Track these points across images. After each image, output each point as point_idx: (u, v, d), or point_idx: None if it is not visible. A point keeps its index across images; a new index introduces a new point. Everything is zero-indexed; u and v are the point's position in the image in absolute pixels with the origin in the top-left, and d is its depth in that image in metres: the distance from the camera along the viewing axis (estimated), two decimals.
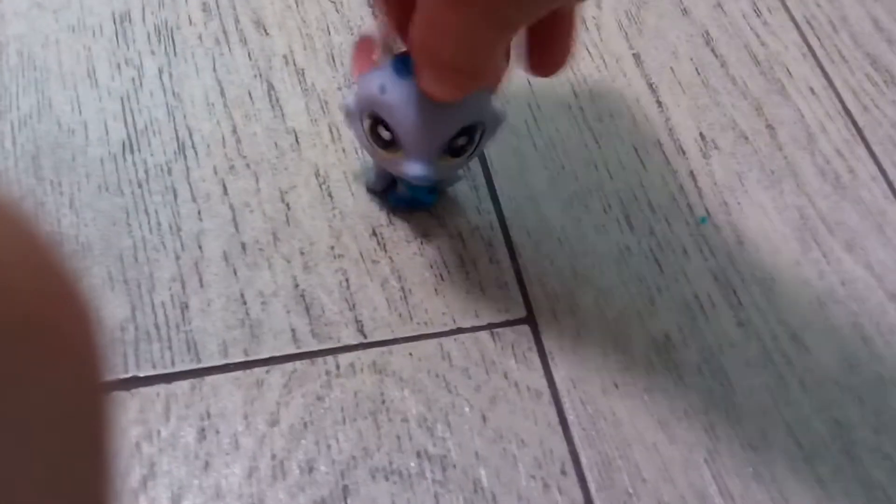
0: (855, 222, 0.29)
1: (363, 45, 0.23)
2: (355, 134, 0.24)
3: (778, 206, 0.29)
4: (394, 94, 0.22)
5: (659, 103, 0.31)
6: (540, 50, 0.23)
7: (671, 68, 0.32)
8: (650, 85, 0.31)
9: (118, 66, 0.29)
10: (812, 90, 0.32)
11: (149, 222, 0.26)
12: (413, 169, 0.23)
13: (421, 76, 0.22)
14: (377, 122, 0.23)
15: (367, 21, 0.31)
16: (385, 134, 0.23)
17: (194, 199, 0.27)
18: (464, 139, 0.23)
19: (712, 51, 0.33)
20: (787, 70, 0.32)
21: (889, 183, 0.30)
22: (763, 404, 0.25)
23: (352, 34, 0.31)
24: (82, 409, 0.11)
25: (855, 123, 0.31)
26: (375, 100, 0.23)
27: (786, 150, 0.30)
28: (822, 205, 0.29)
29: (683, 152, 0.30)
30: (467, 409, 0.24)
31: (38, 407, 0.10)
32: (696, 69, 0.32)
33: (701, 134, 0.30)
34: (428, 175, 0.23)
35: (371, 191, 0.27)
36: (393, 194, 0.27)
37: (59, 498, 0.11)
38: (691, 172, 0.30)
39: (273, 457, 0.23)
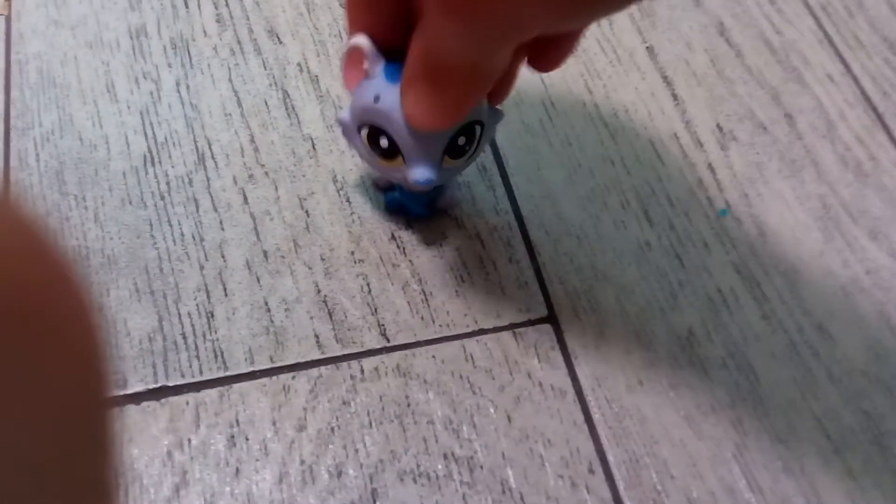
0: (878, 210, 0.29)
1: (352, 57, 0.23)
2: (354, 147, 0.24)
3: (799, 195, 0.29)
4: (388, 100, 0.22)
5: (674, 96, 0.31)
6: (539, 47, 0.22)
7: (685, 60, 0.32)
8: (665, 78, 0.31)
9: (136, 80, 0.30)
10: (830, 77, 0.32)
11: (172, 233, 0.27)
12: (416, 174, 0.23)
13: (406, 103, 0.22)
14: (375, 131, 0.23)
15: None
16: (384, 142, 0.23)
17: (216, 209, 0.27)
18: (463, 139, 0.23)
19: (727, 41, 0.32)
20: (804, 57, 0.32)
21: None
22: (790, 397, 0.25)
23: None
24: (84, 403, 0.11)
25: (875, 109, 0.31)
26: (371, 109, 0.22)
27: (805, 138, 0.30)
28: (845, 193, 0.29)
29: (701, 145, 0.30)
30: (492, 410, 0.24)
31: (38, 398, 0.10)
32: (711, 60, 0.32)
33: (718, 125, 0.30)
34: (431, 179, 0.23)
35: (379, 188, 0.28)
36: (388, 195, 0.27)
37: (62, 495, 0.11)
38: (710, 165, 0.29)
39: (302, 462, 0.23)
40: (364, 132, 0.23)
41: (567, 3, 0.18)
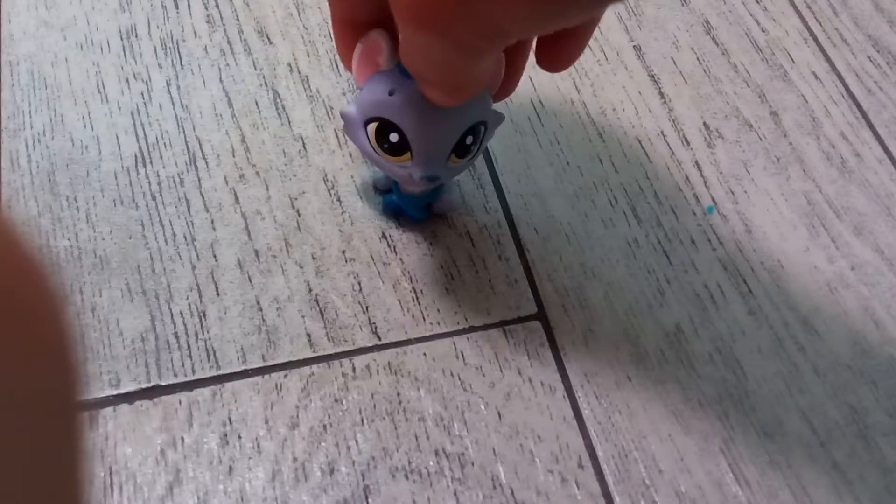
0: (862, 206, 0.29)
1: (368, 51, 0.23)
2: (356, 142, 0.24)
3: (784, 192, 0.29)
4: (403, 95, 0.22)
5: (661, 94, 0.31)
6: (548, 46, 0.22)
7: (672, 59, 0.32)
8: (652, 76, 0.32)
9: (127, 80, 0.30)
10: (815, 75, 0.32)
11: (164, 234, 0.27)
12: (423, 170, 0.23)
13: (419, 82, 0.22)
14: (385, 126, 0.23)
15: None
16: (394, 137, 0.23)
17: (207, 209, 0.27)
18: (471, 138, 0.23)
19: (713, 39, 0.33)
20: (789, 55, 0.32)
21: (895, 165, 0.30)
22: (776, 391, 0.25)
23: None
24: (52, 391, 0.10)
25: (859, 106, 0.31)
26: (384, 103, 0.22)
27: (791, 136, 0.30)
28: (829, 190, 0.29)
29: (688, 142, 0.30)
30: (483, 407, 0.25)
31: (4, 386, 0.09)
32: (698, 58, 0.32)
33: (705, 123, 0.31)
34: (438, 175, 0.23)
35: (378, 190, 0.28)
36: (386, 198, 0.27)
37: (27, 488, 0.10)
38: (696, 162, 0.30)
39: (294, 459, 0.24)
40: (372, 126, 0.23)
41: (533, 7, 0.17)
